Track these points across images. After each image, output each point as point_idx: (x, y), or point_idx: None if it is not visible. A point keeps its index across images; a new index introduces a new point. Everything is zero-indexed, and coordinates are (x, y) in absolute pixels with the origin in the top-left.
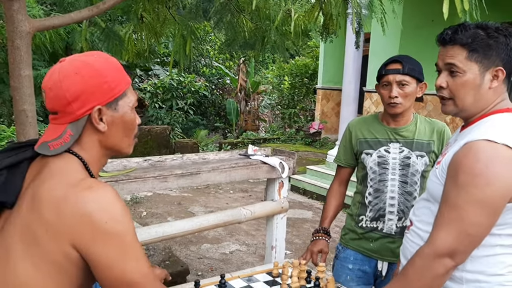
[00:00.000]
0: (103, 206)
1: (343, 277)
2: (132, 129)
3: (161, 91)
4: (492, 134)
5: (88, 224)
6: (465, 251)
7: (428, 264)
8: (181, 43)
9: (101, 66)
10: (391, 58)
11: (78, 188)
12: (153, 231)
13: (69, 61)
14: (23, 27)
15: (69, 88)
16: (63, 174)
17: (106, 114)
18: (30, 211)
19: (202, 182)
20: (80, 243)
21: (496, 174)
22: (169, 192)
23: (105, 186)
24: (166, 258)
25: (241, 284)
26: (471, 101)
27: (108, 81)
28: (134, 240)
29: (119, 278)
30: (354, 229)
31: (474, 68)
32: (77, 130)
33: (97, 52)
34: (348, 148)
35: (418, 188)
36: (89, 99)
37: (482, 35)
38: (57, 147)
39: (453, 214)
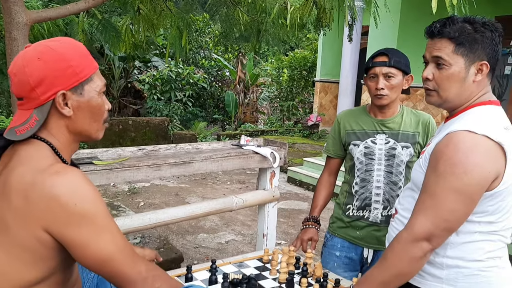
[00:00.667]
0: (71, 189)
1: (331, 264)
2: (100, 114)
3: (160, 83)
4: (472, 125)
5: (57, 208)
6: (441, 235)
7: (406, 247)
8: (177, 35)
9: (65, 51)
10: (378, 50)
11: (45, 173)
12: (147, 217)
13: (33, 47)
14: (20, 18)
15: (32, 73)
16: (32, 160)
17: (71, 98)
18: (0, 199)
19: (194, 171)
20: (52, 227)
21: (474, 163)
22: (167, 183)
23: (72, 170)
24: (161, 246)
25: (232, 269)
26: (455, 93)
27: (73, 65)
28: (106, 219)
29: (96, 255)
30: (341, 217)
31: (460, 61)
32: (42, 115)
33: (63, 37)
34: (337, 139)
35: (403, 178)
36: (53, 83)
37: (469, 29)
38: (23, 132)
39: (431, 200)
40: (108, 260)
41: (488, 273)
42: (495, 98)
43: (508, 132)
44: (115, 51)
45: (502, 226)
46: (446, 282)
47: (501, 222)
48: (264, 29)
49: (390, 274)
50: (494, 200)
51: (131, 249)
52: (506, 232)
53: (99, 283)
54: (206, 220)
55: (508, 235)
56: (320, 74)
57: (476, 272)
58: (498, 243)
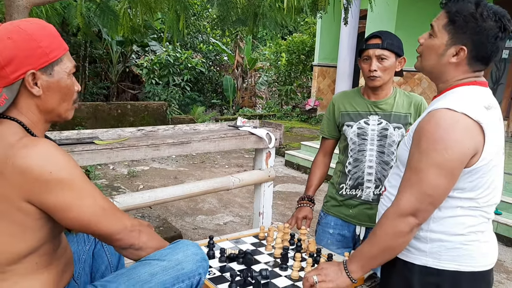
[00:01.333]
0: (43, 159)
1: (324, 241)
2: (70, 95)
3: (158, 67)
4: (452, 103)
5: (33, 178)
6: (426, 210)
7: (393, 222)
8: (175, 18)
9: (35, 32)
10: (372, 33)
11: (15, 147)
12: (146, 195)
13: (3, 26)
14: (20, 1)
15: (2, 52)
16: (2, 138)
17: (41, 78)
18: None
19: (192, 151)
20: (32, 197)
21: (454, 140)
22: (166, 167)
23: (41, 141)
24: (160, 225)
25: (229, 245)
26: (431, 64)
27: (42, 46)
28: (84, 182)
29: (80, 217)
30: (335, 196)
31: (445, 37)
32: (12, 94)
33: (35, 19)
34: (332, 121)
35: (394, 158)
36: (22, 63)
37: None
38: None
39: (415, 176)
40: (92, 220)
41: (470, 247)
42: (482, 80)
43: (489, 111)
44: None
45: (484, 202)
46: (430, 256)
47: (481, 198)
48: (261, 13)
49: (378, 248)
50: (473, 176)
51: (113, 207)
52: (488, 208)
53: (95, 255)
54: (205, 202)
55: (490, 211)
56: (318, 58)
57: (458, 246)
58: (479, 218)
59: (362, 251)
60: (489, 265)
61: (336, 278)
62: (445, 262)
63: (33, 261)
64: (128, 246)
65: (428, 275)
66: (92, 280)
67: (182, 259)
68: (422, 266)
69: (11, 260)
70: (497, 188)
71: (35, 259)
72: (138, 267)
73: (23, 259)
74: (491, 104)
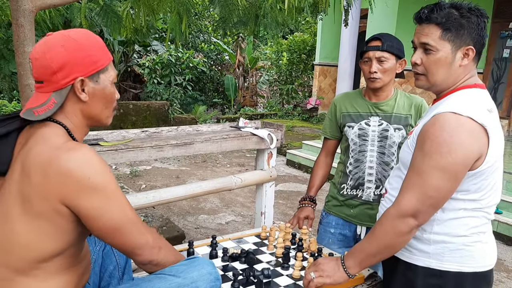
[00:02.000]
0: (84, 164)
1: (326, 240)
2: (112, 102)
3: (160, 67)
4: (457, 107)
5: (72, 182)
6: (427, 211)
7: (393, 223)
8: (177, 20)
9: (85, 41)
10: (373, 35)
11: (60, 150)
12: (150, 196)
13: (55, 35)
14: (26, 5)
15: (54, 58)
16: (47, 140)
17: (88, 85)
18: (21, 176)
19: (195, 152)
20: (68, 199)
21: (459, 143)
22: (168, 166)
23: (83, 147)
24: (163, 224)
25: (232, 245)
26: (442, 77)
27: (91, 55)
28: (116, 190)
29: (107, 225)
30: (336, 196)
31: (447, 46)
32: (60, 98)
33: (83, 29)
34: (333, 121)
35: (395, 159)
36: (72, 70)
37: (455, 14)
38: (41, 113)
39: (417, 178)
40: (119, 229)
41: (472, 248)
42: (480, 82)
43: (491, 114)
44: (115, 36)
45: (486, 203)
46: (433, 257)
47: (484, 199)
48: (262, 14)
49: (377, 246)
50: (477, 179)
51: (139, 220)
52: (489, 209)
53: (104, 256)
54: (207, 201)
55: (491, 211)
56: (319, 58)
57: (461, 247)
58: (482, 219)
59: (361, 248)
60: (490, 265)
61: (333, 273)
62: (447, 263)
63: (59, 262)
64: (147, 262)
65: (431, 276)
66: (100, 280)
67: (197, 278)
68: (425, 267)
69: (42, 258)
70: (498, 189)
71: (61, 260)
72: (153, 280)
73: (53, 259)
74: (492, 106)
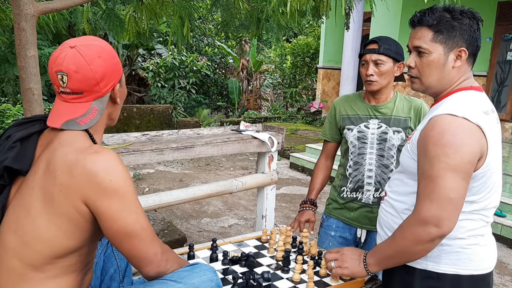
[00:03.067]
0: (108, 167)
1: (326, 243)
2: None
3: (164, 70)
4: (452, 108)
5: (95, 183)
6: (451, 216)
7: (412, 228)
8: (179, 24)
9: (111, 50)
10: (371, 39)
11: (86, 152)
12: (151, 199)
13: (85, 46)
14: (28, 10)
15: (97, 69)
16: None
17: (118, 89)
18: (46, 175)
19: (195, 155)
20: (89, 199)
21: (462, 143)
22: (171, 169)
23: (109, 151)
24: (165, 228)
25: (232, 248)
26: (436, 79)
27: (118, 61)
28: (134, 197)
29: (121, 229)
30: (336, 199)
31: (439, 48)
32: (102, 106)
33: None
34: (333, 124)
35: (394, 162)
36: (111, 78)
37: (447, 17)
38: (87, 122)
39: (431, 184)
40: (132, 235)
41: (469, 250)
42: (477, 84)
43: (487, 116)
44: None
45: (484, 206)
46: (430, 259)
47: (482, 201)
48: (264, 18)
49: (395, 250)
50: (478, 181)
51: (152, 230)
52: (488, 212)
53: (105, 259)
54: (210, 205)
55: (490, 214)
56: (323, 61)
57: (458, 250)
58: (479, 222)
59: (381, 248)
60: (489, 268)
61: (353, 266)
62: (444, 266)
63: (73, 259)
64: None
65: (429, 279)
66: (101, 282)
67: (198, 284)
68: (422, 270)
69: (58, 254)
70: (497, 192)
71: (74, 258)
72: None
73: (67, 256)
74: (488, 108)
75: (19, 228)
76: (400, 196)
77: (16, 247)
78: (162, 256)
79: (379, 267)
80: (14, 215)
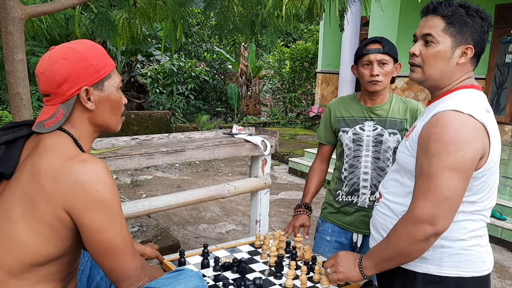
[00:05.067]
0: (95, 177)
1: (322, 248)
2: (119, 108)
3: (162, 76)
4: (458, 105)
5: (80, 192)
6: (446, 215)
7: (407, 228)
8: (172, 28)
9: (86, 51)
10: (370, 39)
11: (73, 161)
12: (140, 204)
13: (57, 48)
14: (15, 13)
15: (58, 71)
16: (58, 148)
17: (93, 94)
18: (29, 180)
19: (186, 159)
20: (73, 208)
21: (466, 140)
22: (169, 175)
23: (97, 160)
24: (158, 234)
25: (225, 254)
26: (439, 71)
27: (93, 64)
28: (119, 210)
29: (104, 242)
30: (332, 203)
31: (448, 41)
32: (68, 109)
33: (84, 40)
34: (328, 126)
35: (390, 164)
36: (76, 80)
37: (462, 12)
38: (51, 125)
39: (428, 182)
40: (113, 248)
41: (471, 252)
42: (477, 83)
43: (489, 114)
44: (118, 45)
45: (484, 206)
46: (432, 262)
47: (482, 202)
48: (259, 21)
49: (392, 252)
50: (479, 180)
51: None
52: (486, 212)
53: (92, 267)
54: (207, 210)
55: (488, 214)
56: (322, 65)
57: (459, 251)
58: (479, 222)
59: (377, 250)
60: (489, 269)
61: (348, 271)
62: (447, 269)
63: (52, 268)
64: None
65: (431, 283)
66: None
67: None
68: (424, 274)
69: (38, 262)
70: (495, 192)
71: (54, 267)
72: None
73: (46, 264)
74: (489, 108)
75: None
76: (398, 198)
77: None
78: (141, 271)
79: (375, 270)
80: None
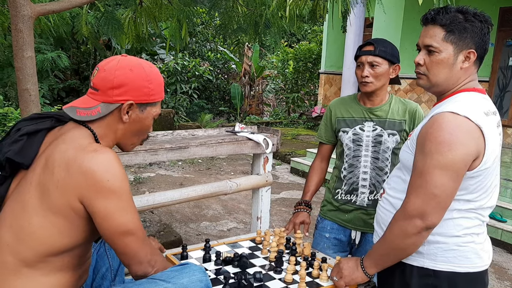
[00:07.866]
0: (106, 166)
1: (321, 245)
2: (144, 134)
3: (166, 75)
4: (455, 107)
5: (92, 181)
6: (433, 211)
7: (399, 223)
8: (177, 27)
9: (151, 74)
10: (367, 40)
11: (85, 150)
12: (144, 199)
13: (130, 58)
14: (25, 11)
15: (119, 76)
16: (74, 140)
17: (134, 111)
18: (44, 171)
19: (190, 156)
20: (85, 197)
21: (458, 141)
22: (172, 173)
23: (108, 150)
24: (161, 229)
25: (226, 249)
26: (444, 78)
27: (150, 88)
28: (129, 198)
29: (116, 228)
30: (331, 201)
31: (449, 48)
32: (105, 111)
33: (153, 65)
34: (329, 126)
35: (389, 164)
36: (129, 92)
37: (460, 18)
38: (82, 115)
39: (420, 179)
40: (126, 233)
41: (465, 248)
42: (480, 86)
43: (488, 117)
44: (122, 44)
45: (480, 205)
46: (427, 257)
47: (479, 201)
48: (262, 22)
49: (388, 248)
50: (474, 180)
51: (144, 231)
52: (484, 211)
53: (98, 258)
54: (209, 208)
55: (486, 214)
56: (325, 66)
57: (454, 247)
58: (475, 220)
59: (375, 248)
60: (484, 266)
61: (351, 272)
62: (441, 264)
63: (65, 259)
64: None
65: (426, 276)
66: (92, 281)
67: (187, 284)
68: (419, 267)
69: (51, 253)
70: (493, 192)
71: (67, 257)
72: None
73: (60, 254)
74: (490, 110)
75: (15, 224)
76: (399, 194)
77: (10, 242)
78: (151, 257)
79: (376, 268)
80: (11, 210)
